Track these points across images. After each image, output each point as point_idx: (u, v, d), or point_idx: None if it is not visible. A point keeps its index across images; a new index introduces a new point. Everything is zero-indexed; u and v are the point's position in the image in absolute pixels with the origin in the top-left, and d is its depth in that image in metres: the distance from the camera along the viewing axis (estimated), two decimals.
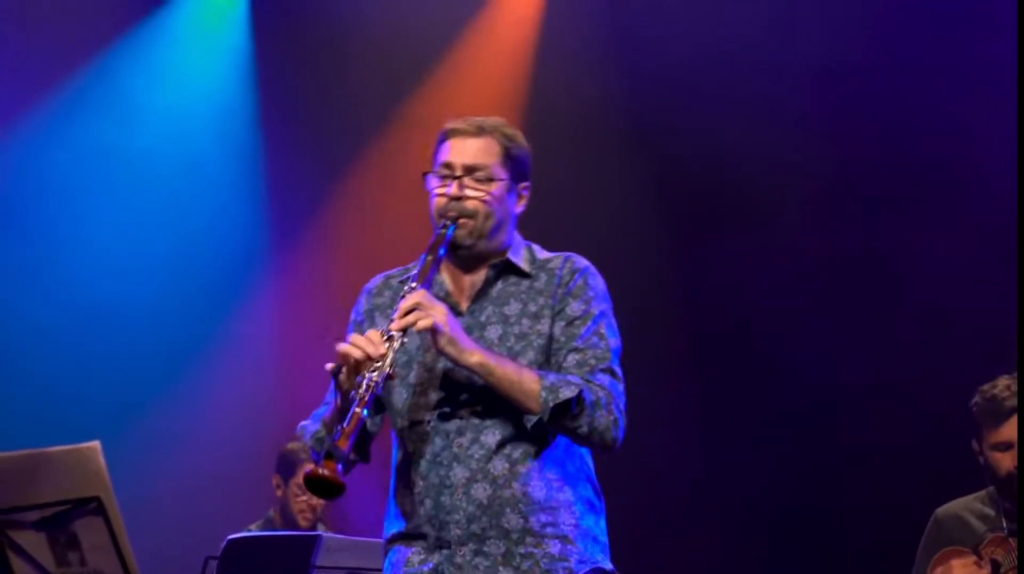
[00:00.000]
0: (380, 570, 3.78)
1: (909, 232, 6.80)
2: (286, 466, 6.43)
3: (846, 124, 7.02)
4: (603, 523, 3.74)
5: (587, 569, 3.63)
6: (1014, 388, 4.87)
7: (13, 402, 7.00)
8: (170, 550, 6.23)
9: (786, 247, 7.06)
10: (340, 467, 3.37)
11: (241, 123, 7.71)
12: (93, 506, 3.43)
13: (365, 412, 3.42)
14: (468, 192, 3.70)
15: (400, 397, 3.69)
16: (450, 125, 3.81)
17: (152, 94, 7.53)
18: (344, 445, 3.38)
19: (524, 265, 3.75)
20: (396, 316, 3.53)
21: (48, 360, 7.16)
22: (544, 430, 3.59)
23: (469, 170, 3.72)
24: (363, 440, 3.69)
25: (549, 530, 3.59)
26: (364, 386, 3.44)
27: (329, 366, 3.54)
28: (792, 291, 6.99)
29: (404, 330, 3.51)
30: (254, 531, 6.26)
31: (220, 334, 7.62)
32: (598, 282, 3.75)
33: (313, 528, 6.36)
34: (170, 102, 7.55)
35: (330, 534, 5.57)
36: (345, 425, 3.41)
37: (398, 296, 3.65)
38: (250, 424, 7.46)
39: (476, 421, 3.62)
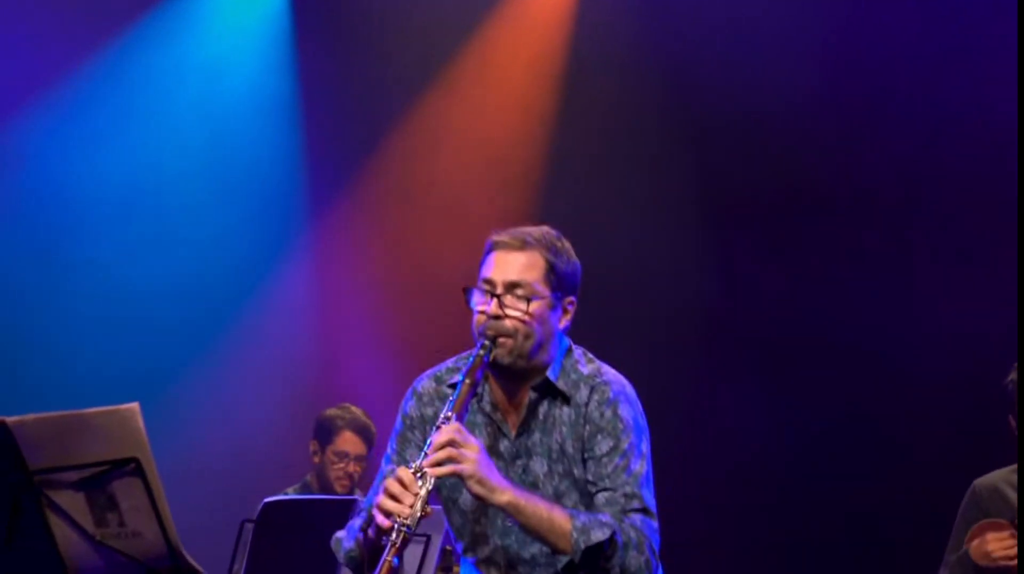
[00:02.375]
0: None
1: (949, 209, 6.78)
2: (323, 433, 6.45)
3: (894, 86, 6.94)
4: None
5: None
6: None
7: (54, 364, 7.06)
8: (207, 512, 6.27)
9: (831, 211, 7.00)
10: None
11: (280, 87, 7.72)
12: (131, 467, 3.44)
13: (396, 561, 3.44)
14: (508, 311, 3.64)
15: (456, 521, 3.76)
16: (495, 238, 3.74)
17: (191, 60, 7.55)
18: None
19: (564, 387, 3.71)
20: (429, 451, 3.53)
21: (89, 323, 7.21)
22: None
23: (510, 287, 3.66)
24: None
25: None
26: (396, 531, 3.47)
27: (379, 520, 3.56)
28: (837, 259, 6.95)
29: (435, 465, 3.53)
30: (291, 495, 6.29)
31: (259, 299, 7.65)
32: (628, 409, 3.71)
33: (350, 494, 6.39)
34: (208, 71, 7.57)
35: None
36: (376, 573, 3.46)
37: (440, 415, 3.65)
38: (288, 388, 7.50)
39: (532, 552, 3.68)
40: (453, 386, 3.73)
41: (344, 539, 3.76)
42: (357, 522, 3.74)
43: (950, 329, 6.64)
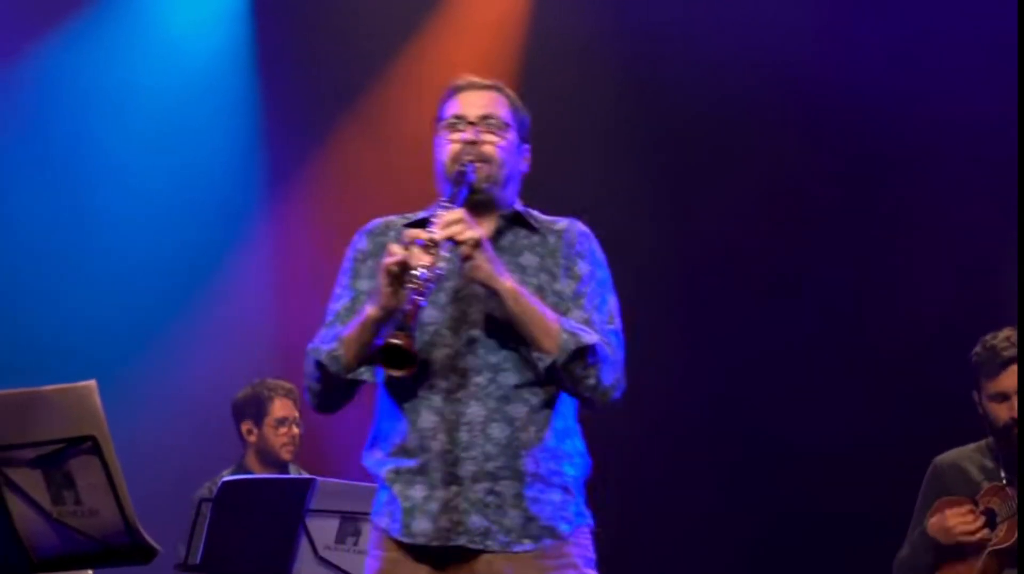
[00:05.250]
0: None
1: (914, 188, 6.79)
2: (254, 408, 6.42)
3: (847, 66, 6.95)
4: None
5: (581, 523, 3.64)
6: (1014, 339, 4.88)
7: (10, 341, 7.01)
8: (165, 491, 6.25)
9: (785, 188, 7.01)
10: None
11: (239, 62, 7.69)
12: (88, 445, 3.42)
13: (423, 302, 3.39)
14: (484, 138, 3.69)
15: (419, 336, 3.59)
16: (458, 81, 3.80)
17: (149, 36, 7.52)
18: (411, 322, 3.35)
19: (533, 221, 3.74)
20: (439, 226, 3.47)
21: (47, 301, 7.17)
22: (554, 377, 3.56)
23: (483, 118, 3.71)
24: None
25: (556, 478, 3.60)
26: (416, 282, 3.38)
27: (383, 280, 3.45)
28: (790, 236, 6.96)
29: (448, 240, 3.47)
30: (231, 477, 6.26)
31: (217, 278, 7.63)
32: (600, 250, 3.76)
33: (293, 460, 6.39)
34: (166, 48, 7.54)
35: (325, 478, 5.59)
36: (408, 308, 3.36)
37: (401, 237, 3.58)
38: (245, 368, 7.46)
39: (494, 361, 3.58)
40: (411, 224, 3.70)
41: (322, 345, 3.62)
42: (327, 332, 3.65)
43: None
